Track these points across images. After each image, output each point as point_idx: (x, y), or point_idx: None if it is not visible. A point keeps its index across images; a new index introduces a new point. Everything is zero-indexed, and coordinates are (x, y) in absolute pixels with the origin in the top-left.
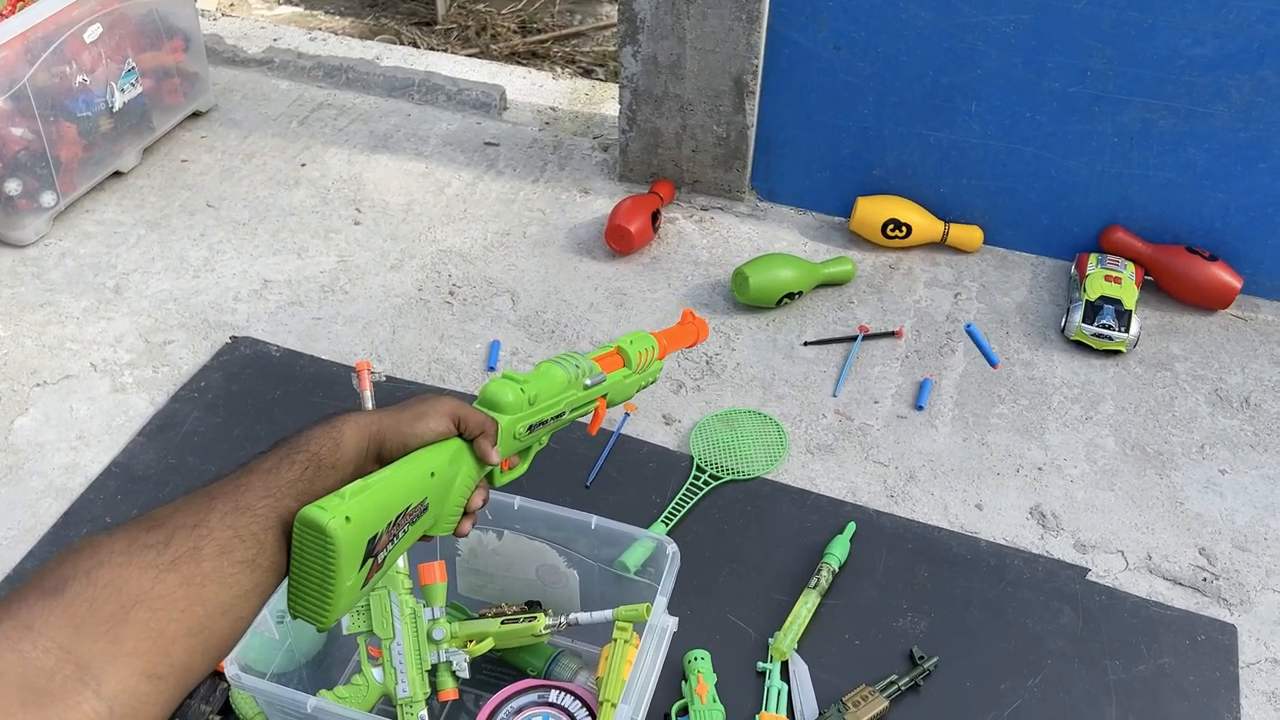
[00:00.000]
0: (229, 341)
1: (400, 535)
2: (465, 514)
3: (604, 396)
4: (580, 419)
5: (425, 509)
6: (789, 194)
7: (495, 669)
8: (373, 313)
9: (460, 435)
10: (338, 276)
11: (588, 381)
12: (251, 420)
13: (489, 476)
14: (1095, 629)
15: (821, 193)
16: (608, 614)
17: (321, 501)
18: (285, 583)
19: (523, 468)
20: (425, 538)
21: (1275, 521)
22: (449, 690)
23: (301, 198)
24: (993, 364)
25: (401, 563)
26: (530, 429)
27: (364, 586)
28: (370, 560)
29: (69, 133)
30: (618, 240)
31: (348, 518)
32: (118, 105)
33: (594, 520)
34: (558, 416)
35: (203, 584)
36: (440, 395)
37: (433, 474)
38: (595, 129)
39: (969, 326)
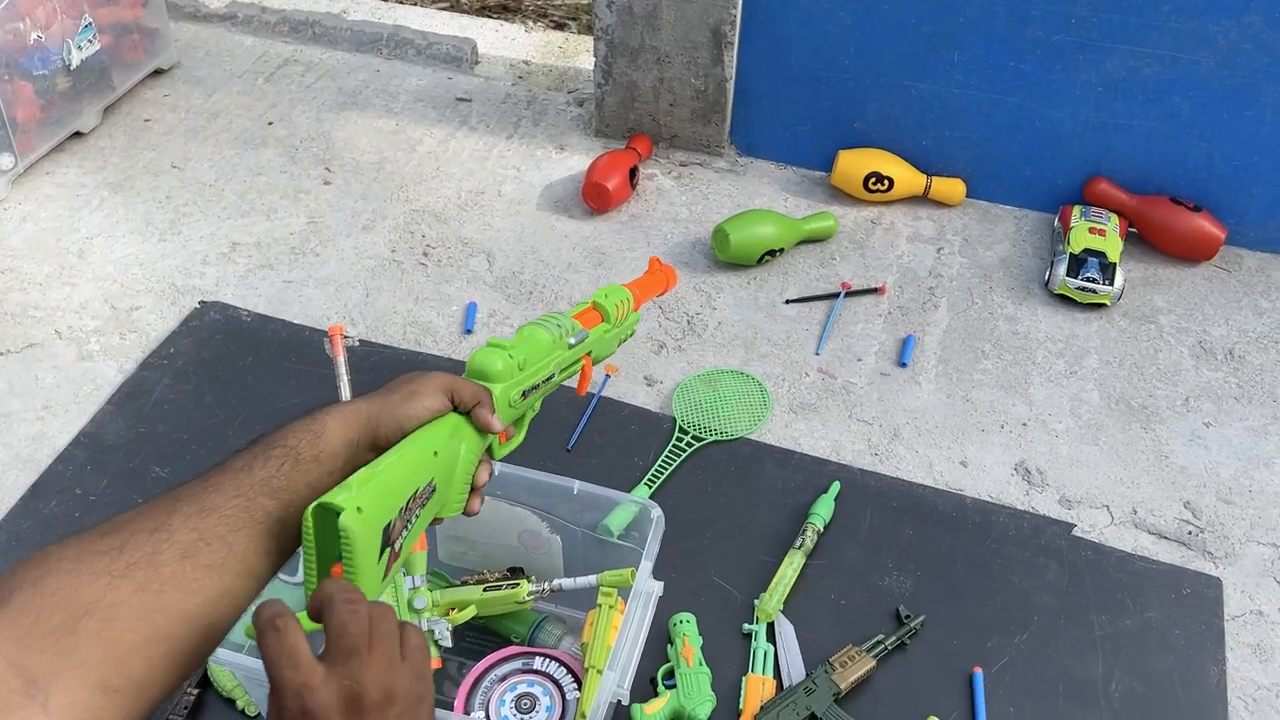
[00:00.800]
0: (198, 306)
1: (413, 520)
2: (472, 491)
3: (589, 354)
4: (567, 380)
5: (434, 490)
6: (769, 148)
7: (478, 637)
8: (345, 275)
9: (455, 409)
10: (308, 238)
11: (571, 340)
12: (223, 387)
13: (488, 450)
14: (1081, 584)
15: (802, 147)
16: (592, 579)
17: (329, 494)
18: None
19: (519, 438)
20: (434, 521)
21: (1259, 474)
22: (432, 659)
23: (269, 157)
24: None
25: None
26: (524, 395)
27: (384, 578)
28: (388, 549)
29: (25, 92)
30: (595, 198)
31: (359, 508)
32: (75, 63)
33: (576, 485)
34: (548, 379)
35: (161, 591)
36: (428, 371)
37: (436, 453)
38: (570, 83)
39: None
